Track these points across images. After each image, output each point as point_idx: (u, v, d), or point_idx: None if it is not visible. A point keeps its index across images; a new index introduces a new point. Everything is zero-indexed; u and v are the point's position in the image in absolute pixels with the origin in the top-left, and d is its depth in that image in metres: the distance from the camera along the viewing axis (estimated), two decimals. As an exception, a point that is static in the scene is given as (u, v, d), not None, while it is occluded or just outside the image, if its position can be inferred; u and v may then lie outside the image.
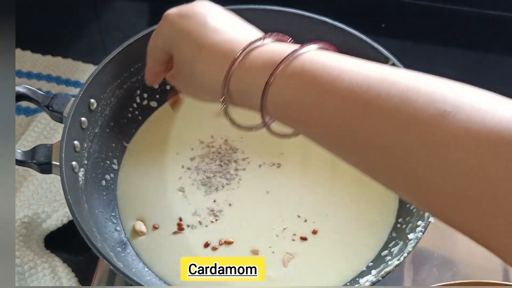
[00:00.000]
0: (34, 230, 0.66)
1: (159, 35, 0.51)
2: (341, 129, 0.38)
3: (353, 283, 0.58)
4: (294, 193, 0.65)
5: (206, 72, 0.46)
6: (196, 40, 0.46)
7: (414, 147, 0.34)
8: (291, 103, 0.40)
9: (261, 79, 0.41)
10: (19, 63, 0.83)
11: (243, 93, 0.44)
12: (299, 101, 0.40)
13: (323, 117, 0.38)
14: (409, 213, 0.60)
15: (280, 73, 0.40)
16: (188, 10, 0.49)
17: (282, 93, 0.40)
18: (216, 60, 0.45)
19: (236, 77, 0.43)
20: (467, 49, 0.87)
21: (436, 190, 0.34)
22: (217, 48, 0.45)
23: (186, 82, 0.50)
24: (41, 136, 0.74)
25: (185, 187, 0.65)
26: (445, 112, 0.33)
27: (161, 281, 0.60)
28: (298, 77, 0.40)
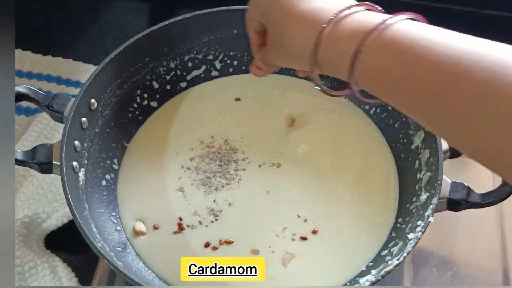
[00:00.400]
0: (34, 230, 0.66)
1: (252, 6, 0.52)
2: (428, 100, 0.38)
3: (353, 283, 0.58)
4: (294, 193, 0.65)
5: (295, 39, 0.46)
6: (285, 7, 0.47)
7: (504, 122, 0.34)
8: (380, 72, 0.41)
9: (350, 48, 0.42)
10: (20, 63, 0.83)
11: (332, 61, 0.44)
12: (388, 71, 0.40)
13: (412, 87, 0.39)
14: (408, 213, 0.60)
15: (370, 43, 0.41)
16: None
17: (371, 63, 0.41)
18: (305, 27, 0.45)
19: (325, 44, 0.44)
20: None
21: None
22: (306, 16, 0.45)
23: (276, 50, 0.50)
24: (41, 136, 0.75)
25: (185, 187, 0.65)
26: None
27: (161, 281, 0.60)
28: (388, 47, 0.40)
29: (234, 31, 0.70)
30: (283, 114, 0.70)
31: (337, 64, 0.44)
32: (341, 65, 0.43)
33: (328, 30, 0.43)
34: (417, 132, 0.63)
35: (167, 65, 0.71)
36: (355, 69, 0.42)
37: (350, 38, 0.42)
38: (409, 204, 0.61)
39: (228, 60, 0.73)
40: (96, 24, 0.94)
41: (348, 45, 0.42)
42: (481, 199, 0.58)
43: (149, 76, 0.70)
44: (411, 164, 0.63)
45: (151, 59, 0.69)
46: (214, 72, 0.73)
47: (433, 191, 0.57)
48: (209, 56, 0.72)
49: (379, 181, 0.65)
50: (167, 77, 0.71)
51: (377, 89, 0.42)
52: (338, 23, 0.43)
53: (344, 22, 0.43)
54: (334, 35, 0.43)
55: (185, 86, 0.73)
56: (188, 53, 0.71)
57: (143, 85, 0.70)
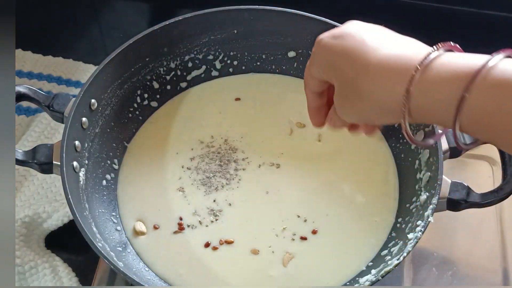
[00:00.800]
0: (34, 230, 0.66)
1: (314, 63, 0.49)
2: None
3: (353, 283, 0.58)
4: (294, 193, 0.65)
5: (378, 90, 0.43)
6: (359, 58, 0.44)
7: None
8: (494, 114, 0.38)
9: (452, 92, 0.39)
10: (20, 63, 0.83)
11: (429, 109, 0.41)
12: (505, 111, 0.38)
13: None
14: (408, 213, 0.60)
15: (477, 85, 0.38)
16: (342, 31, 0.47)
17: (483, 105, 0.39)
18: (389, 77, 0.43)
19: (419, 92, 0.41)
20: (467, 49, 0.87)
21: None
22: (388, 64, 0.43)
23: (352, 105, 0.47)
24: (41, 136, 0.75)
25: (185, 187, 0.65)
26: None
27: (161, 281, 0.60)
28: (501, 88, 0.38)
29: (234, 31, 0.70)
30: (283, 115, 0.70)
31: (435, 111, 0.41)
32: (441, 111, 0.40)
33: (418, 77, 0.41)
34: (417, 132, 0.63)
35: (167, 65, 0.71)
36: (461, 114, 0.39)
37: (450, 83, 0.40)
38: (409, 204, 0.61)
39: (228, 60, 0.73)
40: (96, 24, 0.94)
41: (450, 90, 0.39)
42: (481, 199, 0.58)
43: (149, 76, 0.70)
44: (411, 164, 0.63)
45: (151, 59, 0.69)
46: (214, 72, 0.74)
47: (433, 191, 0.57)
48: (209, 56, 0.72)
49: (379, 181, 0.65)
50: (167, 77, 0.71)
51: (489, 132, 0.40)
52: (428, 68, 0.41)
53: (436, 66, 0.41)
54: (427, 81, 0.41)
55: (185, 86, 0.73)
56: (188, 53, 0.71)
57: (143, 85, 0.70)
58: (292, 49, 0.71)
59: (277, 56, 0.73)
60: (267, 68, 0.74)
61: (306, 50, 0.70)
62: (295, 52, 0.71)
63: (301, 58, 0.71)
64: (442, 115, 0.41)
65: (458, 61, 0.41)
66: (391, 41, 0.45)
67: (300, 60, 0.71)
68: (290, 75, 0.73)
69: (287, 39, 0.71)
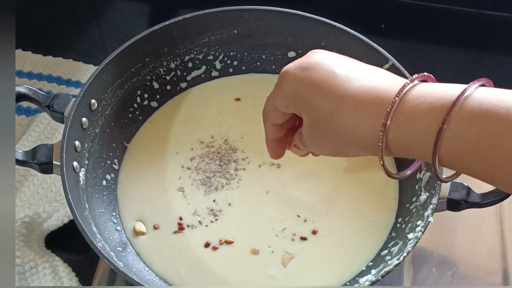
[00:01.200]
0: (34, 230, 0.66)
1: (280, 95, 0.47)
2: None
3: (353, 283, 0.58)
4: (294, 193, 0.65)
5: (354, 125, 0.42)
6: (332, 91, 0.43)
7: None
8: (474, 146, 0.37)
9: (429, 125, 0.38)
10: (20, 63, 0.83)
11: (406, 143, 0.41)
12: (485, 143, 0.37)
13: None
14: (408, 213, 0.60)
15: (455, 116, 0.37)
16: (309, 62, 0.45)
17: (462, 137, 0.38)
18: (365, 111, 0.41)
19: (396, 126, 0.40)
20: (467, 49, 0.87)
21: None
22: (362, 97, 0.42)
23: (325, 140, 0.45)
24: (41, 136, 0.75)
25: (185, 187, 0.65)
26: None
27: (161, 281, 0.60)
28: (480, 118, 0.37)
29: (234, 31, 0.70)
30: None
31: (413, 144, 0.40)
32: (419, 145, 0.40)
33: (394, 110, 0.40)
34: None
35: (167, 65, 0.71)
36: (439, 147, 0.38)
37: (427, 115, 0.39)
38: (409, 204, 0.61)
39: (228, 60, 0.73)
40: (96, 24, 0.94)
41: (427, 122, 0.39)
42: (480, 199, 0.58)
43: (149, 76, 0.70)
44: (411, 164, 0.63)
45: (151, 59, 0.69)
46: (214, 72, 0.74)
47: (433, 191, 0.57)
48: (209, 56, 0.72)
49: (379, 181, 0.65)
50: (167, 77, 0.71)
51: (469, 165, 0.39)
52: (403, 100, 0.40)
53: (412, 98, 0.40)
54: (405, 115, 0.40)
55: (185, 86, 0.73)
56: (188, 53, 0.71)
57: (143, 85, 0.70)
58: (292, 49, 0.71)
59: (277, 56, 0.73)
60: (267, 68, 0.74)
61: (306, 50, 0.69)
62: (295, 52, 0.71)
63: (301, 58, 0.71)
64: (420, 149, 0.40)
65: (433, 92, 0.40)
66: (363, 73, 0.43)
67: (300, 60, 0.71)
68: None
69: (287, 39, 0.71)
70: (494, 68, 0.84)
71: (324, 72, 0.44)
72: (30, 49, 0.84)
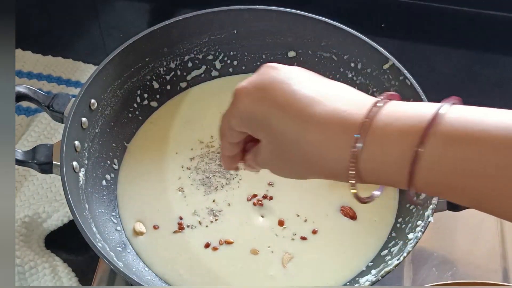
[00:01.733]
0: (34, 230, 0.66)
1: (236, 116, 0.43)
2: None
3: (353, 283, 0.58)
4: (294, 193, 0.65)
5: (323, 152, 0.39)
6: (294, 115, 0.39)
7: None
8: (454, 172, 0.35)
9: (404, 150, 0.36)
10: (20, 63, 0.83)
11: (379, 170, 0.38)
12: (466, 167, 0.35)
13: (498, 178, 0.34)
14: (408, 213, 0.60)
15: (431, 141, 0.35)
16: (264, 80, 0.41)
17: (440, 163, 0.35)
18: (332, 137, 0.38)
19: (367, 154, 0.37)
20: (467, 49, 0.87)
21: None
22: (328, 122, 0.38)
23: (289, 166, 0.43)
24: (41, 136, 0.75)
25: (185, 187, 0.65)
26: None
27: (161, 281, 0.60)
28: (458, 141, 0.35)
29: (234, 31, 0.70)
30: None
31: (386, 172, 0.38)
32: (393, 172, 0.37)
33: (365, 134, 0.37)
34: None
35: (167, 65, 0.71)
36: (416, 174, 0.36)
37: (400, 139, 0.36)
38: (409, 204, 0.61)
39: (228, 60, 0.73)
40: (96, 24, 0.94)
41: (400, 147, 0.36)
42: (481, 199, 0.57)
43: (149, 76, 0.70)
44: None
45: (151, 59, 0.69)
46: (214, 72, 0.73)
47: (433, 191, 0.57)
48: (209, 56, 0.72)
49: (379, 181, 0.65)
50: (167, 77, 0.71)
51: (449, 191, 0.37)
52: (374, 125, 0.37)
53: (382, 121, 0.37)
54: (376, 141, 0.37)
55: (185, 86, 0.73)
56: (188, 53, 0.71)
57: (143, 85, 0.70)
58: (292, 49, 0.71)
59: (277, 56, 0.72)
60: (267, 68, 0.74)
61: (306, 50, 0.70)
62: (295, 52, 0.71)
63: (301, 58, 0.71)
64: (394, 176, 0.37)
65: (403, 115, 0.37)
66: (326, 93, 0.40)
67: (300, 60, 0.71)
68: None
69: (287, 39, 0.71)
70: (494, 68, 0.84)
71: (284, 93, 0.40)
72: (29, 49, 0.84)
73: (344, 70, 0.68)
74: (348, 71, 0.68)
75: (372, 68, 0.66)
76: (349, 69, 0.68)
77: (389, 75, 0.64)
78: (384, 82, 0.65)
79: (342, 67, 0.68)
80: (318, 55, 0.70)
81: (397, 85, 0.63)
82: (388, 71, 0.64)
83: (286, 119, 0.40)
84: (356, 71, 0.68)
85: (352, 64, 0.68)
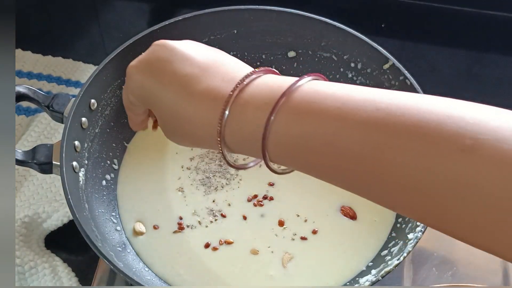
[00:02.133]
0: (34, 230, 0.66)
1: (129, 92, 0.48)
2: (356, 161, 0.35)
3: (353, 283, 0.58)
4: (295, 193, 0.65)
5: (195, 120, 0.42)
6: (174, 91, 0.43)
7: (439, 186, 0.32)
8: (299, 139, 0.37)
9: (260, 118, 0.38)
10: (20, 63, 0.83)
11: (240, 136, 0.40)
12: (309, 136, 0.36)
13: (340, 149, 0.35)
14: (408, 213, 0.60)
15: (283, 109, 0.37)
16: (150, 59, 0.46)
17: (288, 131, 0.37)
18: (205, 105, 0.41)
19: (232, 119, 0.40)
20: (467, 49, 0.87)
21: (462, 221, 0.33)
22: (203, 97, 0.42)
23: (175, 132, 0.46)
24: (41, 136, 0.75)
25: (185, 187, 0.65)
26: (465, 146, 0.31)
27: (161, 281, 0.60)
28: (305, 111, 0.36)
29: (234, 31, 0.70)
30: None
31: (247, 140, 0.40)
32: (251, 140, 0.39)
33: (231, 106, 0.39)
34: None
35: (167, 65, 0.71)
36: (267, 147, 0.38)
37: (259, 108, 0.38)
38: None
39: (228, 60, 0.73)
40: (96, 24, 0.94)
41: (257, 116, 0.38)
42: (481, 199, 0.57)
43: (149, 76, 0.70)
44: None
45: (151, 59, 0.69)
46: (214, 72, 0.73)
47: (433, 191, 0.57)
48: (209, 56, 0.72)
49: (379, 181, 0.65)
50: (167, 77, 0.71)
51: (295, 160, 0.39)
52: (242, 93, 0.40)
53: (249, 91, 0.39)
54: (240, 106, 0.39)
55: (185, 86, 0.73)
56: (188, 53, 0.71)
57: (143, 85, 0.70)
58: (292, 49, 0.71)
59: (277, 56, 0.72)
60: (267, 68, 0.74)
61: (306, 50, 0.70)
62: (295, 52, 0.71)
63: (301, 58, 0.71)
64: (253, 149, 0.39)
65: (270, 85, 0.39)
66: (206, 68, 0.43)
67: (300, 60, 0.71)
68: (290, 75, 0.73)
69: (287, 39, 0.70)
70: (494, 68, 0.84)
71: (166, 72, 0.44)
72: (29, 49, 0.84)
73: (344, 70, 0.68)
74: (348, 71, 0.68)
75: (372, 68, 0.66)
76: (349, 69, 0.68)
77: (389, 75, 0.64)
78: (384, 82, 0.65)
79: (342, 67, 0.68)
80: (318, 55, 0.70)
81: (397, 85, 0.63)
82: (388, 71, 0.64)
83: (168, 96, 0.43)
84: (356, 71, 0.68)
85: (352, 64, 0.68)
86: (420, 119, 0.33)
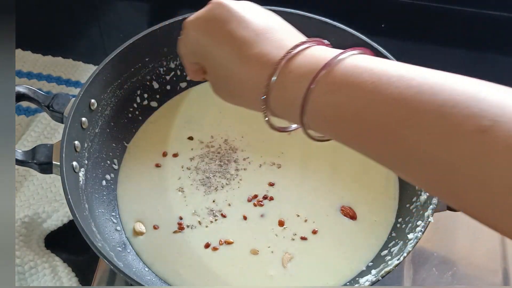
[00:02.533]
0: (34, 230, 0.66)
1: (185, 45, 0.50)
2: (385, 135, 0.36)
3: (353, 283, 0.58)
4: (294, 193, 0.65)
5: (244, 82, 0.44)
6: (228, 52, 0.44)
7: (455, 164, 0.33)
8: (333, 109, 0.39)
9: (302, 87, 0.39)
10: (20, 63, 0.83)
11: (284, 103, 0.42)
12: (342, 106, 0.38)
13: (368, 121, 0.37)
14: (408, 213, 0.60)
15: (323, 80, 0.39)
16: (208, 16, 0.46)
17: (325, 101, 0.39)
18: (255, 70, 0.43)
19: (278, 85, 0.41)
20: (467, 49, 0.87)
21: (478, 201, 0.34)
22: (255, 57, 0.43)
23: (224, 89, 0.48)
24: (41, 136, 0.75)
25: (185, 187, 0.65)
26: (484, 127, 0.32)
27: (161, 281, 0.60)
28: (342, 83, 0.38)
29: (234, 31, 0.70)
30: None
31: (289, 106, 0.41)
32: (292, 106, 0.41)
33: (278, 72, 0.41)
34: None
35: (167, 65, 0.71)
36: (307, 109, 0.40)
37: (301, 77, 0.40)
38: (409, 204, 0.61)
39: (228, 60, 0.73)
40: (96, 24, 0.94)
41: (299, 84, 0.40)
42: (481, 199, 0.57)
43: (149, 76, 0.70)
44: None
45: (151, 59, 0.69)
46: (214, 72, 0.73)
47: (433, 191, 0.57)
48: (209, 56, 0.72)
49: (379, 181, 0.65)
50: (167, 77, 0.71)
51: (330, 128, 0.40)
52: (290, 61, 0.41)
53: (296, 61, 0.41)
54: (285, 75, 0.41)
55: (185, 86, 0.73)
56: (188, 53, 0.71)
57: (143, 85, 0.70)
58: (292, 49, 0.71)
59: (277, 56, 0.72)
60: (267, 68, 0.74)
61: (306, 50, 0.70)
62: (295, 52, 0.71)
63: (301, 58, 0.71)
64: (293, 115, 0.41)
65: (315, 55, 0.41)
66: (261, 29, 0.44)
67: (300, 60, 0.71)
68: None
69: (287, 39, 0.70)
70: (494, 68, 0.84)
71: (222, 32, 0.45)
72: (29, 49, 0.84)
73: (344, 70, 0.68)
74: (348, 71, 0.68)
75: (372, 68, 0.66)
76: (349, 69, 0.68)
77: (389, 75, 0.64)
78: (384, 82, 0.65)
79: (342, 67, 0.68)
80: (318, 55, 0.69)
81: (397, 85, 0.63)
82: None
83: (221, 55, 0.45)
84: (356, 71, 0.68)
85: (352, 64, 0.68)
86: (446, 99, 0.34)
